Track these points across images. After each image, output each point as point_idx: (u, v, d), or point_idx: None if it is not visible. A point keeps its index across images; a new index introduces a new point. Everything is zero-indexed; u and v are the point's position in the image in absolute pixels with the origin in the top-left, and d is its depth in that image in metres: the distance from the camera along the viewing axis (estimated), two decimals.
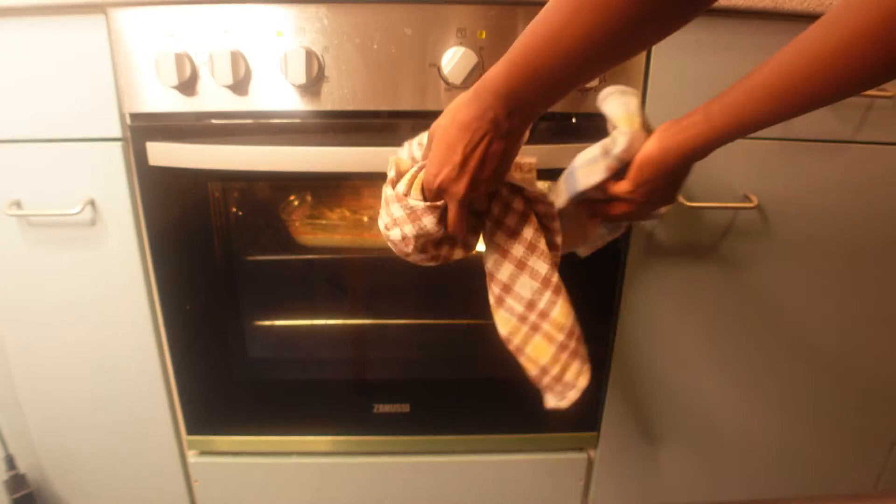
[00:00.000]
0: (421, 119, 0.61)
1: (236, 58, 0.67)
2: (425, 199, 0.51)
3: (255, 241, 0.88)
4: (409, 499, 0.96)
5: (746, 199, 0.77)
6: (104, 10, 0.67)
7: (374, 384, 0.89)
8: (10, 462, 0.91)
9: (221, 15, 0.67)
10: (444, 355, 0.92)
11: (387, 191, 0.53)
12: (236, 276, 0.83)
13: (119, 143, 0.73)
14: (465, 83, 0.68)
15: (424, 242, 0.53)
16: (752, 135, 0.73)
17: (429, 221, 0.50)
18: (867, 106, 0.74)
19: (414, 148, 0.56)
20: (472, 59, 0.67)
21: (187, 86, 0.69)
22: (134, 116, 0.72)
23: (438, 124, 0.50)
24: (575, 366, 0.58)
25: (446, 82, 0.69)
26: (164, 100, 0.70)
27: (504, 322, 0.57)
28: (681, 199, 0.75)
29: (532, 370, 0.59)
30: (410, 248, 0.53)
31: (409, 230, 0.51)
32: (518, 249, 0.54)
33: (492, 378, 0.88)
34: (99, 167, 0.73)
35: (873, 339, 0.88)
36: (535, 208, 0.55)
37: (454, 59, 0.67)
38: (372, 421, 0.90)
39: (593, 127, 0.67)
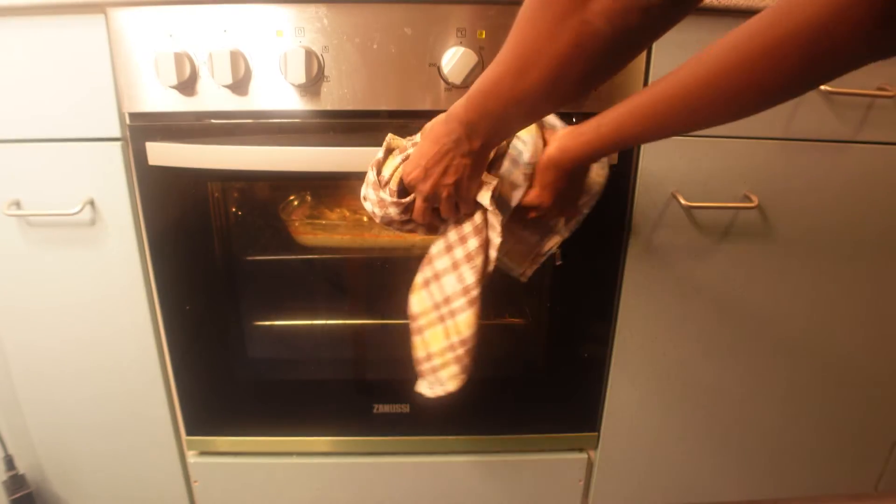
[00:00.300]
0: (421, 119, 0.61)
1: (236, 57, 0.67)
2: (403, 187, 0.59)
3: (255, 241, 0.88)
4: (409, 499, 0.96)
5: (746, 199, 0.77)
6: (103, 9, 0.67)
7: (374, 384, 0.89)
8: (10, 462, 0.91)
9: (221, 15, 0.67)
10: None
11: (370, 175, 0.61)
12: (236, 276, 0.83)
13: (118, 143, 0.73)
14: (464, 83, 0.68)
15: (389, 222, 0.62)
16: (752, 135, 0.75)
17: (393, 211, 0.60)
18: (867, 106, 0.74)
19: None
20: (472, 58, 0.67)
21: (187, 85, 0.69)
22: (133, 116, 0.72)
23: (424, 129, 0.58)
24: (452, 369, 0.64)
25: (446, 82, 0.69)
26: (164, 99, 0.70)
27: (420, 301, 0.65)
28: (681, 199, 0.75)
29: (420, 352, 0.66)
30: (377, 221, 0.63)
31: (378, 211, 0.61)
32: (459, 252, 0.61)
33: (492, 378, 0.88)
34: (98, 167, 0.73)
35: (874, 339, 0.88)
36: (488, 218, 0.60)
37: (454, 58, 0.67)
38: (372, 421, 0.90)
39: None
